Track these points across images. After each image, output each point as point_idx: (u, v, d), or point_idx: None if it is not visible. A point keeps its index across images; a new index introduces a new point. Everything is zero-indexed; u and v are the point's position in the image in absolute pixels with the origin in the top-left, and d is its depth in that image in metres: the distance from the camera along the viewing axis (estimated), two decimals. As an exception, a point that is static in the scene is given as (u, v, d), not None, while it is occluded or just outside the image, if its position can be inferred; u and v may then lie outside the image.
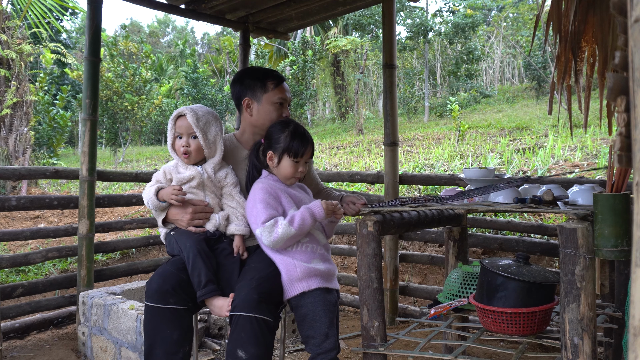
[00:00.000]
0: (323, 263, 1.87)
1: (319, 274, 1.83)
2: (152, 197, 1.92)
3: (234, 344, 1.72)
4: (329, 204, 1.85)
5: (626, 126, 0.64)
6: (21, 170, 3.28)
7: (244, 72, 2.19)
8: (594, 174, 4.76)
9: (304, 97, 14.09)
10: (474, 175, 2.12)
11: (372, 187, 5.31)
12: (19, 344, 3.19)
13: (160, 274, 1.87)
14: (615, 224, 1.35)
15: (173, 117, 1.98)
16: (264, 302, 1.74)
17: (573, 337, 1.38)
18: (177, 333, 1.81)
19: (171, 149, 1.99)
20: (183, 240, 1.90)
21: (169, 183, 1.98)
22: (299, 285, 1.81)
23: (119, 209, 6.16)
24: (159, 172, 2.01)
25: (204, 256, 1.85)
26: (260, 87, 2.10)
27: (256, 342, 1.70)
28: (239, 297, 1.75)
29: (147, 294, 1.84)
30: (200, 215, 1.94)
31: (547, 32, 2.29)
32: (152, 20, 54.83)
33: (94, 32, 3.08)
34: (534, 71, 15.38)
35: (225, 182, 2.02)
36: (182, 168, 1.98)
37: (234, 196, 2.02)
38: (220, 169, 2.02)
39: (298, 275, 1.81)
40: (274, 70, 2.17)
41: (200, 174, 1.97)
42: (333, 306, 1.83)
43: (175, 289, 1.82)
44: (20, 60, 7.16)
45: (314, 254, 1.87)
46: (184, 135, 1.95)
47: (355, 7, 3.60)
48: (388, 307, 3.49)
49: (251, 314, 1.71)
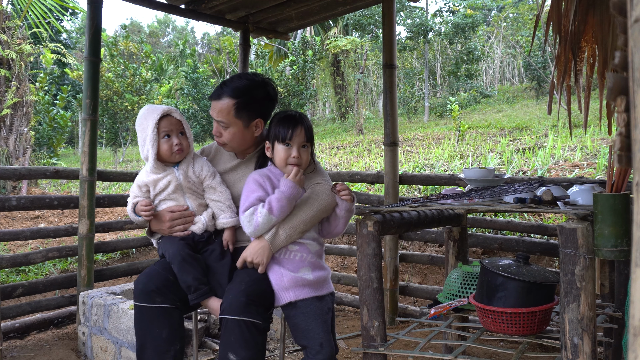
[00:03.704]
0: (312, 272, 1.83)
1: (307, 284, 1.81)
2: (131, 214, 1.92)
3: (225, 347, 1.73)
4: (298, 177, 1.78)
5: (626, 126, 0.64)
6: (21, 170, 3.28)
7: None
8: (594, 173, 4.76)
9: (304, 97, 14.09)
10: (474, 175, 2.13)
11: (372, 187, 5.31)
12: (19, 344, 3.19)
13: (146, 273, 1.88)
14: (615, 224, 1.35)
15: (155, 118, 1.88)
16: (253, 305, 1.73)
17: (573, 337, 1.38)
18: (166, 332, 1.81)
19: (152, 151, 1.87)
20: (167, 248, 1.90)
21: (147, 195, 1.95)
22: (287, 294, 1.80)
23: (119, 209, 6.16)
24: (133, 186, 1.96)
25: (189, 260, 1.85)
26: None
27: (246, 345, 1.70)
28: (227, 300, 1.74)
29: (134, 294, 1.86)
30: (178, 221, 1.92)
31: (547, 32, 2.29)
32: (152, 20, 54.86)
33: (94, 32, 3.08)
34: (534, 71, 15.38)
35: (203, 176, 1.97)
36: (154, 174, 1.91)
37: (216, 188, 1.98)
38: (195, 163, 1.98)
39: (285, 284, 1.80)
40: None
41: (176, 177, 1.93)
42: (326, 313, 1.82)
43: (161, 288, 1.82)
44: (20, 60, 7.15)
45: (302, 262, 1.83)
46: (173, 134, 1.91)
47: (355, 7, 3.60)
48: (388, 307, 3.49)
49: (239, 317, 1.70)
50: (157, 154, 1.89)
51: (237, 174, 2.05)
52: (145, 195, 1.94)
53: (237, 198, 1.96)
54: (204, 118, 15.38)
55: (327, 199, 1.88)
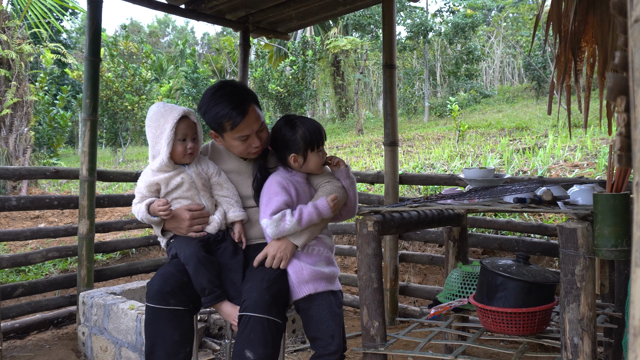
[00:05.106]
0: (327, 266, 1.90)
1: (324, 277, 1.86)
2: (145, 214, 1.87)
3: (243, 344, 1.72)
4: (335, 202, 1.87)
5: (626, 126, 0.64)
6: (21, 170, 3.28)
7: (203, 104, 1.92)
8: (594, 173, 4.76)
9: (304, 97, 14.08)
10: (474, 175, 2.13)
11: (372, 187, 5.31)
12: (19, 344, 3.19)
13: (161, 275, 1.86)
14: (615, 224, 1.35)
15: (175, 118, 1.85)
16: (274, 304, 1.75)
17: (573, 337, 1.38)
18: (178, 334, 1.81)
19: (167, 149, 1.85)
20: (183, 249, 1.88)
21: (156, 194, 1.92)
22: (306, 287, 1.83)
23: (119, 209, 6.16)
24: (140, 187, 1.92)
25: (205, 263, 1.84)
26: (218, 129, 1.91)
27: (265, 343, 1.71)
28: (250, 298, 1.74)
29: (147, 295, 1.84)
30: (198, 220, 1.91)
31: (547, 32, 2.29)
32: (152, 20, 54.84)
33: (94, 32, 3.08)
34: (534, 71, 15.38)
35: (210, 173, 1.98)
36: (163, 173, 1.89)
37: (222, 184, 1.99)
38: (200, 162, 1.99)
39: (305, 277, 1.83)
40: (237, 102, 1.86)
41: (189, 175, 1.93)
42: (338, 307, 1.86)
43: (175, 291, 1.82)
44: (20, 60, 7.15)
45: (319, 257, 1.89)
46: (188, 137, 1.90)
47: (355, 7, 3.60)
48: (388, 307, 3.49)
49: (263, 315, 1.71)
50: (170, 153, 1.88)
51: (240, 173, 2.06)
52: (155, 195, 1.92)
53: (240, 196, 2.02)
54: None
55: (340, 193, 1.94)
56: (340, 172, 1.97)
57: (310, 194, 1.94)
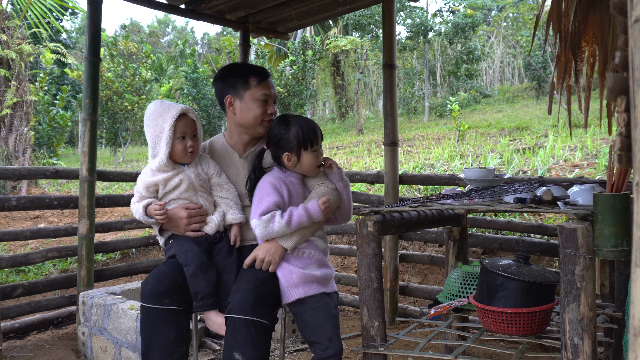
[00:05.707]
0: (319, 268, 1.86)
1: (315, 280, 1.83)
2: (142, 216, 1.88)
3: (231, 346, 1.71)
4: (327, 205, 1.84)
5: (626, 126, 0.64)
6: (21, 170, 3.28)
7: (226, 69, 2.08)
8: (594, 173, 4.76)
9: (304, 97, 14.09)
10: (474, 175, 2.13)
11: (372, 187, 5.31)
12: (19, 344, 3.19)
13: (156, 275, 1.86)
14: (615, 224, 1.35)
15: (173, 117, 1.85)
16: (260, 305, 1.73)
17: (573, 337, 1.38)
18: (174, 333, 1.81)
19: (166, 149, 1.85)
20: (184, 250, 1.87)
21: (155, 195, 1.92)
22: (296, 291, 1.81)
23: (119, 209, 6.16)
24: (139, 187, 1.92)
25: (205, 268, 1.84)
26: (243, 84, 1.98)
27: (253, 344, 1.70)
28: (234, 300, 1.74)
29: (141, 295, 1.84)
30: (195, 219, 1.90)
31: (547, 32, 2.29)
32: (152, 20, 54.84)
33: (94, 32, 3.08)
34: (534, 71, 15.38)
35: (211, 173, 1.97)
36: (162, 173, 1.88)
37: (223, 185, 1.98)
38: (201, 162, 1.98)
39: (295, 281, 1.81)
40: (258, 66, 2.05)
41: (188, 175, 1.92)
42: (333, 309, 1.84)
43: (169, 291, 1.82)
44: (20, 60, 7.15)
45: (310, 259, 1.86)
46: (188, 136, 1.89)
47: (355, 7, 3.59)
48: (388, 307, 3.49)
49: (247, 316, 1.70)
50: (170, 152, 1.87)
51: (239, 172, 2.05)
52: (153, 196, 1.91)
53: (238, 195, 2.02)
54: (204, 118, 15.38)
55: (333, 196, 1.90)
56: (333, 175, 1.94)
57: (304, 195, 1.92)
